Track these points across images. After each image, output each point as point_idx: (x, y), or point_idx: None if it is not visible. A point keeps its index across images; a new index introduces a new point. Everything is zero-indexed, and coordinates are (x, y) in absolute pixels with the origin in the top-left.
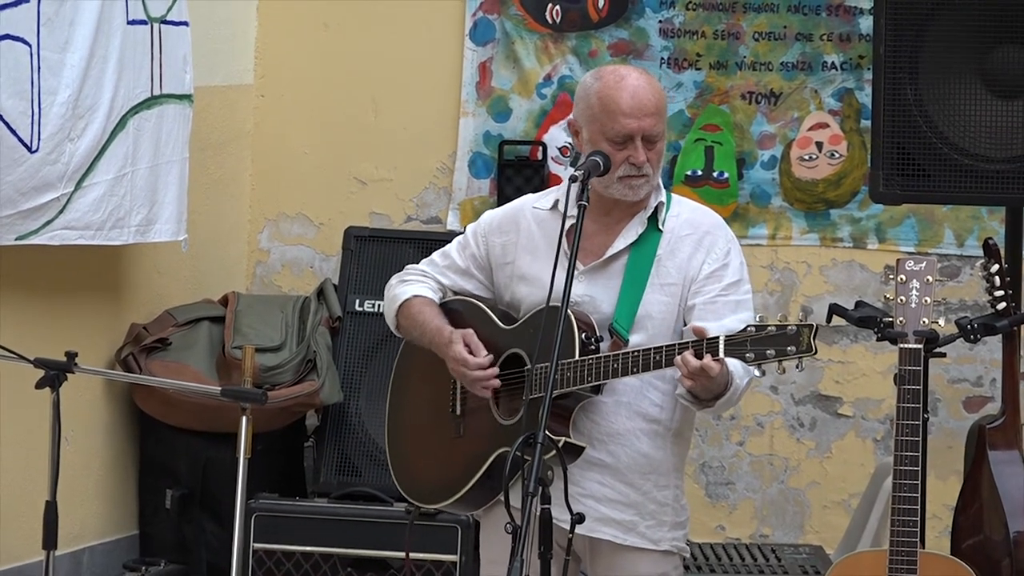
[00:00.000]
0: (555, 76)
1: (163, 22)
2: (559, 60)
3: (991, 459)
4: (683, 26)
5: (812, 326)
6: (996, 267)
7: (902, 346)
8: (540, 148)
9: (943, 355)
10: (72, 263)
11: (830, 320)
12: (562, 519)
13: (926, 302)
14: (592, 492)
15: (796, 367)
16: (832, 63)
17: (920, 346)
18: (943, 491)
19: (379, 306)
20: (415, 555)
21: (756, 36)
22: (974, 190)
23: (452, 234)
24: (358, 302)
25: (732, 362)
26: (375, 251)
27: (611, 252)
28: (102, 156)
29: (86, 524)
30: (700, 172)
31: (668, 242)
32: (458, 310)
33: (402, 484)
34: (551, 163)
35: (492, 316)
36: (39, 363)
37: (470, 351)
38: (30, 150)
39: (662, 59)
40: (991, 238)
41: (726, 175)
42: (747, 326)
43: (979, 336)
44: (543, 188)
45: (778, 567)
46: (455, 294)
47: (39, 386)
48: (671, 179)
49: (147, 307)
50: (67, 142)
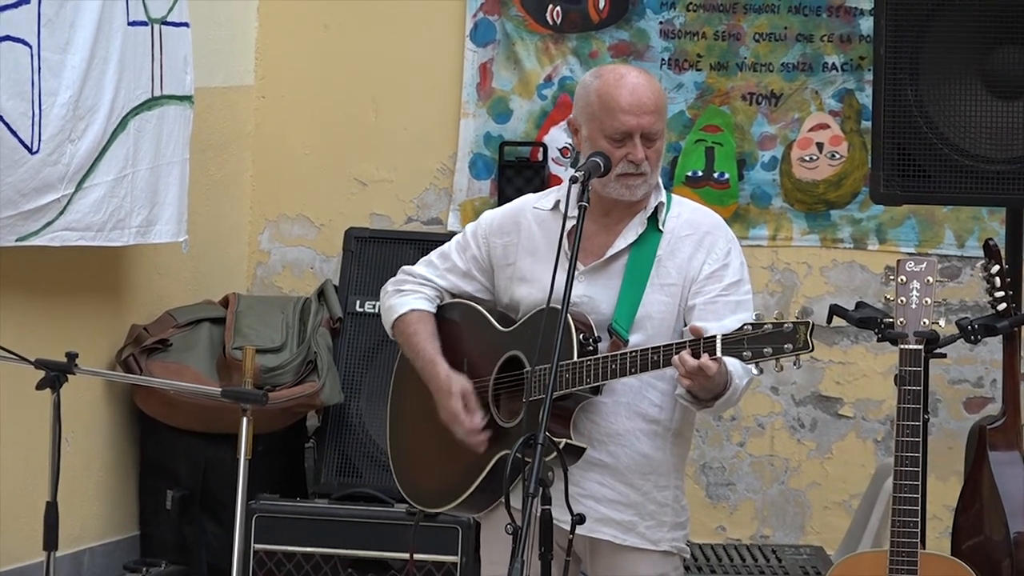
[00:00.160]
0: (556, 77)
1: (164, 23)
2: (560, 61)
3: (991, 460)
4: (684, 27)
5: (808, 323)
6: (996, 268)
7: (902, 347)
8: (541, 149)
9: (943, 356)
10: (73, 264)
11: (831, 321)
12: (562, 520)
13: (927, 303)
14: (592, 492)
15: (793, 364)
16: (833, 64)
17: (920, 347)
18: (943, 492)
19: (379, 308)
20: (416, 556)
21: (757, 37)
22: (974, 191)
23: (452, 235)
24: (358, 303)
25: (731, 362)
26: (375, 252)
27: (611, 252)
28: (103, 157)
29: (87, 525)
30: (701, 173)
31: (668, 242)
32: (457, 316)
33: (404, 488)
34: (551, 164)
35: (490, 319)
36: (40, 364)
37: (466, 407)
38: (31, 151)
39: (663, 60)
40: (991, 239)
41: (727, 176)
42: (744, 324)
43: (979, 337)
44: (543, 189)
45: (779, 568)
46: (454, 296)
47: (40, 387)
48: (672, 180)
49: (148, 308)
50: (68, 143)
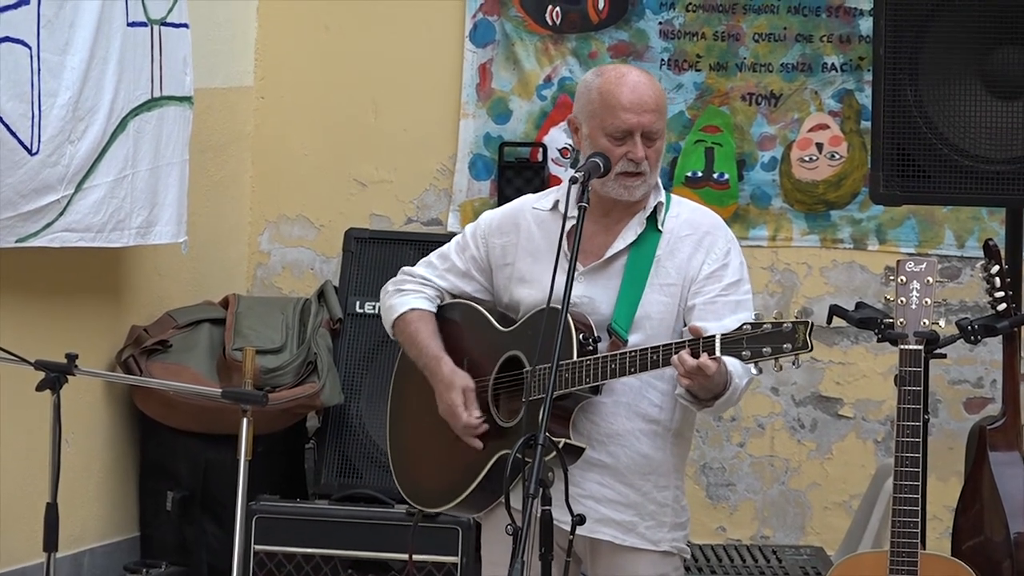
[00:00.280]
0: (555, 78)
1: (163, 24)
2: (559, 62)
3: (992, 460)
4: (683, 27)
5: (807, 323)
6: (996, 268)
7: (902, 347)
8: (540, 150)
9: (943, 356)
10: (72, 265)
11: (831, 321)
12: (563, 520)
13: (926, 303)
14: (592, 493)
15: (793, 364)
16: (832, 64)
17: (921, 347)
18: (944, 492)
19: (379, 308)
20: (416, 557)
21: (756, 37)
22: (974, 191)
23: (452, 236)
24: (358, 304)
25: (731, 361)
26: (375, 253)
27: (611, 253)
28: (102, 158)
29: (87, 526)
30: (700, 173)
31: (667, 242)
32: (456, 314)
33: (404, 488)
34: (551, 165)
35: (490, 319)
36: (40, 365)
37: (465, 404)
38: (30, 152)
39: (662, 60)
40: (991, 239)
41: (726, 176)
42: (743, 324)
43: (979, 337)
44: (543, 190)
45: (779, 568)
46: (453, 297)
47: (40, 388)
48: (671, 180)
49: (147, 309)
50: (67, 144)
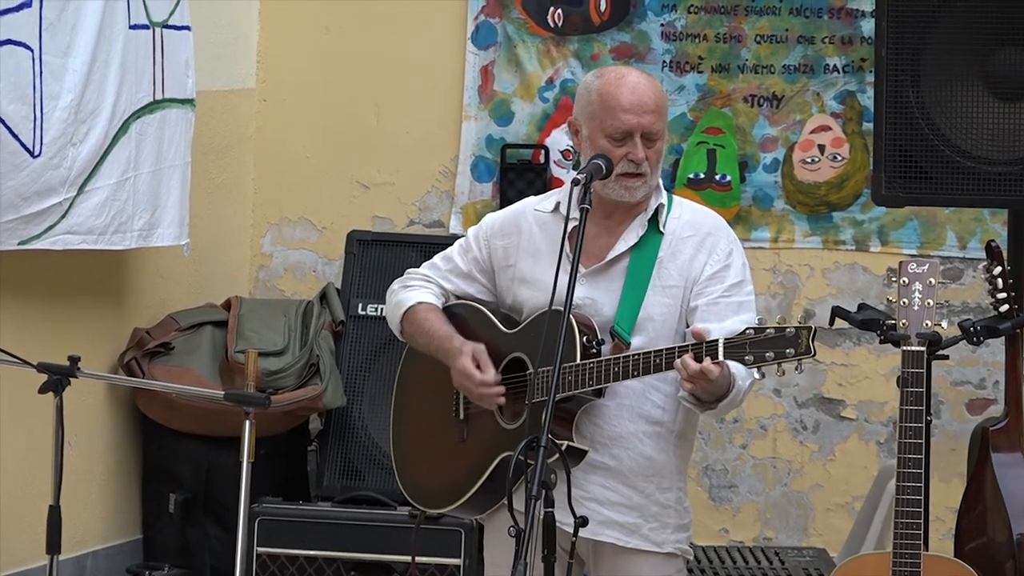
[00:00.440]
0: (557, 80)
1: (165, 26)
2: (561, 64)
3: (994, 461)
4: (685, 29)
5: (811, 328)
6: (999, 269)
7: (905, 348)
8: (542, 152)
9: (946, 357)
10: (75, 268)
11: (833, 323)
12: (565, 522)
13: (929, 304)
14: (595, 495)
15: (795, 369)
16: (834, 66)
17: (923, 348)
18: (946, 493)
19: (382, 310)
20: (419, 559)
21: (758, 39)
22: (976, 192)
23: (455, 238)
24: (361, 306)
25: (734, 364)
26: (378, 255)
27: (612, 255)
28: (104, 161)
29: (89, 529)
30: (702, 175)
31: (669, 244)
32: (461, 315)
33: (407, 489)
34: (553, 167)
35: (494, 320)
36: (42, 368)
37: (478, 366)
38: (32, 155)
39: (664, 62)
40: (993, 240)
41: (728, 178)
42: (746, 328)
43: (982, 338)
44: (545, 192)
45: (781, 570)
46: (458, 298)
47: (42, 391)
48: (673, 182)
49: (150, 311)
50: (69, 147)
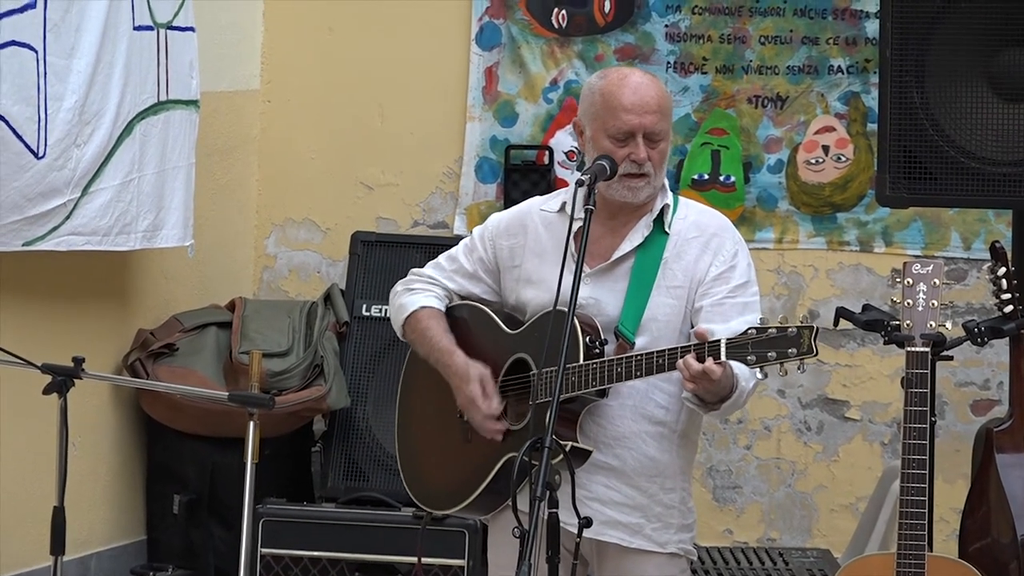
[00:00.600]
0: (561, 80)
1: (169, 28)
2: (565, 64)
3: (998, 462)
4: (689, 30)
5: (813, 328)
6: (1003, 270)
7: (909, 349)
8: (546, 153)
9: (950, 358)
10: (79, 269)
11: (837, 323)
12: (569, 523)
13: (933, 305)
14: (598, 495)
15: (798, 368)
16: (838, 67)
17: (927, 349)
18: (951, 494)
19: (386, 311)
20: (423, 560)
21: (762, 40)
22: (981, 193)
23: (459, 239)
24: (365, 307)
25: (737, 364)
26: (382, 256)
27: (617, 255)
28: (109, 162)
29: (94, 530)
30: (706, 176)
31: (674, 244)
32: (464, 317)
33: (412, 490)
34: (557, 167)
35: (497, 321)
36: (46, 369)
37: (484, 393)
38: (36, 156)
39: (668, 63)
40: (998, 241)
41: (732, 179)
42: (748, 328)
43: (986, 339)
44: (549, 193)
45: (785, 571)
46: (462, 298)
47: (47, 392)
48: (677, 183)
49: (154, 312)
50: (73, 148)
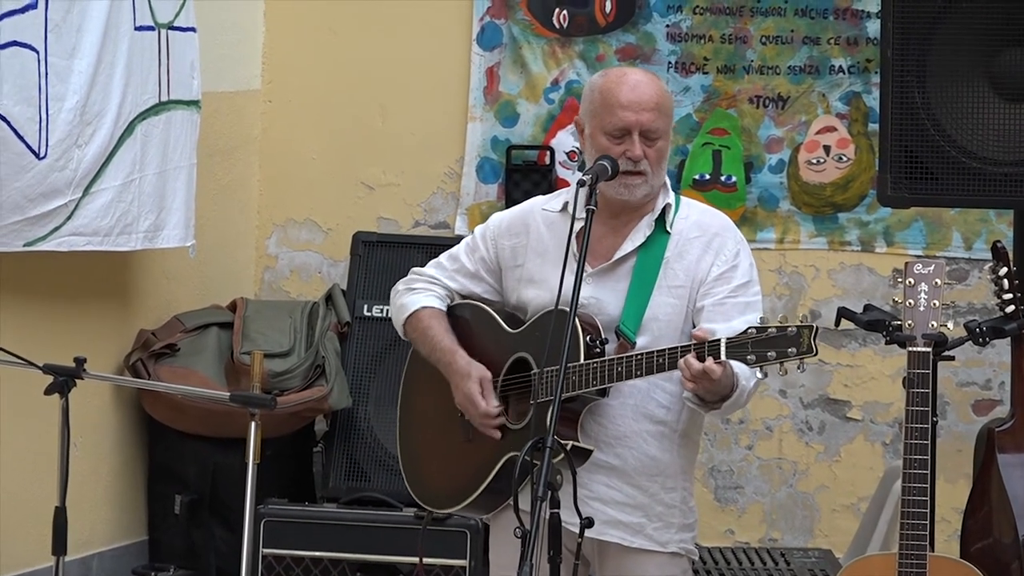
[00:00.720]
0: (562, 81)
1: (170, 28)
2: (566, 65)
3: (1000, 462)
4: (690, 30)
5: (812, 327)
6: (1004, 270)
7: (911, 349)
8: (548, 153)
9: (952, 358)
10: (80, 269)
11: (838, 324)
12: (571, 522)
13: (935, 305)
14: (599, 495)
15: (798, 368)
16: (839, 67)
17: (929, 349)
18: (952, 494)
19: (387, 311)
20: (424, 560)
21: (763, 40)
22: (982, 193)
23: (460, 239)
24: (366, 307)
25: (738, 364)
26: (383, 256)
27: (619, 255)
28: (110, 162)
29: (95, 530)
30: (708, 176)
31: (676, 244)
32: (465, 316)
33: (414, 489)
34: (559, 168)
35: (498, 320)
36: (48, 369)
37: (483, 392)
38: (38, 156)
39: (669, 63)
40: (999, 241)
41: (734, 179)
42: (748, 328)
43: (988, 339)
44: (551, 193)
45: (787, 571)
46: (463, 298)
47: (48, 392)
48: (679, 183)
49: (155, 313)
50: (75, 148)
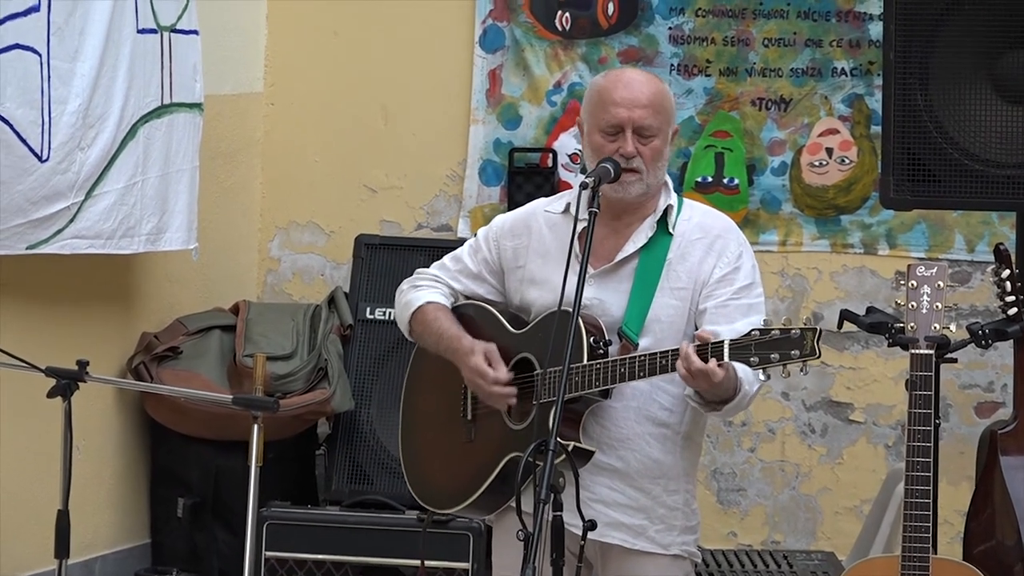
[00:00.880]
0: (565, 83)
1: (173, 31)
2: (569, 67)
3: (1003, 464)
4: (693, 32)
5: (816, 329)
6: (1007, 272)
7: (913, 352)
8: (550, 155)
9: (954, 361)
10: (82, 272)
11: (841, 326)
12: (573, 523)
13: (937, 307)
14: (602, 497)
15: (801, 371)
16: (842, 69)
17: (931, 352)
18: (955, 497)
19: (390, 314)
20: (427, 563)
21: (766, 42)
22: (985, 195)
23: (462, 241)
24: (369, 310)
25: (742, 368)
26: (386, 259)
27: (621, 256)
28: (112, 165)
29: (98, 533)
30: (710, 179)
31: (679, 246)
32: (469, 315)
33: (415, 490)
34: (561, 170)
35: (502, 320)
36: (51, 372)
37: (490, 364)
38: (40, 159)
39: (672, 66)
40: (1002, 243)
41: (736, 181)
42: (751, 330)
43: (990, 341)
44: (553, 195)
45: (790, 574)
46: (466, 298)
47: (51, 395)
48: (681, 186)
49: (158, 316)
50: (77, 151)
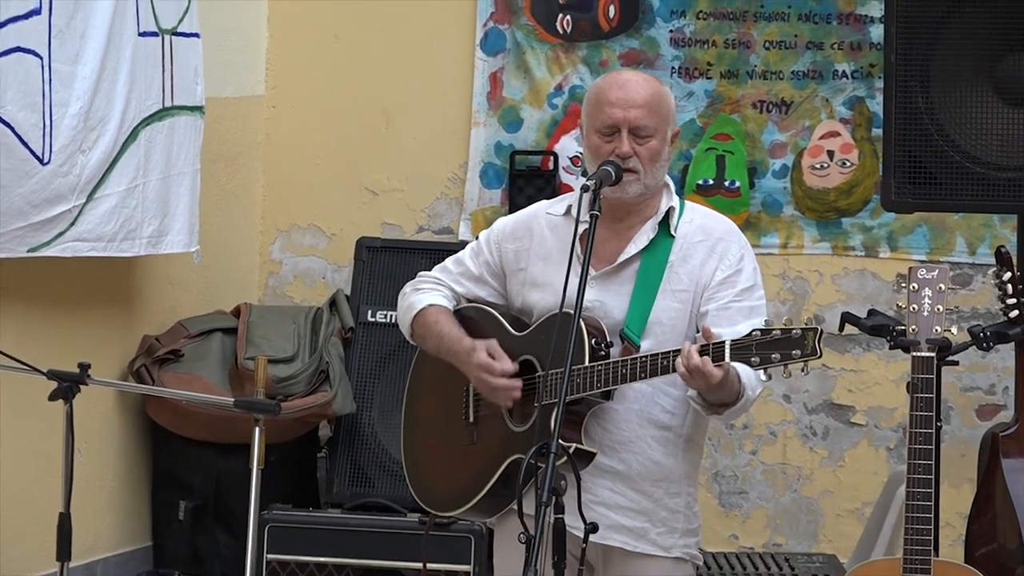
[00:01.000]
0: (566, 86)
1: (174, 34)
2: (570, 70)
3: (1004, 467)
4: (694, 35)
5: (817, 329)
6: (1008, 275)
7: (915, 354)
8: (551, 158)
9: (956, 363)
10: (84, 275)
11: (842, 329)
12: (575, 526)
13: (938, 310)
14: (604, 499)
15: (802, 371)
16: (843, 72)
17: (933, 354)
18: (956, 499)
19: (391, 316)
20: (429, 565)
21: (767, 45)
22: (986, 198)
23: (464, 244)
24: (370, 312)
25: (745, 372)
26: (387, 261)
27: (623, 258)
28: (114, 168)
29: (100, 536)
30: (711, 181)
31: (680, 248)
32: (471, 317)
33: (417, 492)
34: (562, 173)
35: (504, 323)
36: (52, 375)
37: (493, 359)
38: (42, 162)
39: (673, 68)
40: (1003, 246)
41: (737, 184)
42: (752, 330)
43: (992, 344)
44: (555, 198)
45: None
46: (468, 301)
47: (52, 398)
48: (682, 188)
49: (159, 318)
50: (79, 154)
